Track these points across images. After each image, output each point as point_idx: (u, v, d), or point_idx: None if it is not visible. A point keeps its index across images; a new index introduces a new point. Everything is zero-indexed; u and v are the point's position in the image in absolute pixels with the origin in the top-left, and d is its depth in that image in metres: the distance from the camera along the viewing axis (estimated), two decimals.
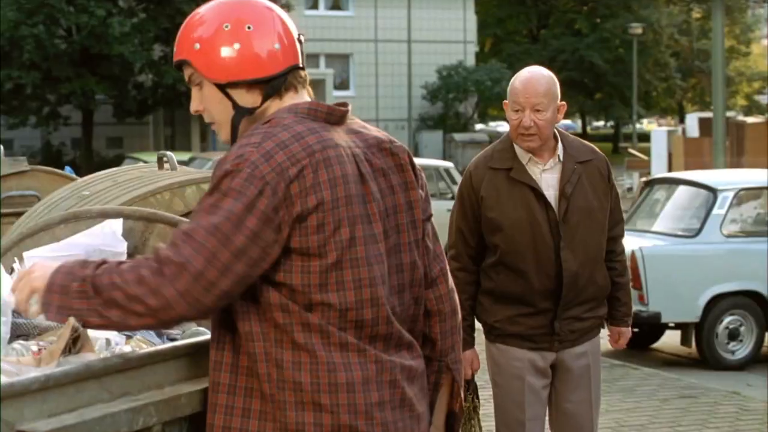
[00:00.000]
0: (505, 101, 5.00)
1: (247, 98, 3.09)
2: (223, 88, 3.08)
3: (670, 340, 12.23)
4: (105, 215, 3.80)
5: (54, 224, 3.85)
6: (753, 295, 11.41)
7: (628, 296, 5.24)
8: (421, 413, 3.12)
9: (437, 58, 47.18)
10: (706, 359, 11.37)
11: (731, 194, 11.49)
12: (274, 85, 3.08)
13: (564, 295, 4.92)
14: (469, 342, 5.06)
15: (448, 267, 3.31)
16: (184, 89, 33.91)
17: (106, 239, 3.68)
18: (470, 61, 48.30)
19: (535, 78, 4.90)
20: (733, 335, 11.41)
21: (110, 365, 2.84)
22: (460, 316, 3.34)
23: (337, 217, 2.92)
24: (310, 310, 2.93)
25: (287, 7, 36.07)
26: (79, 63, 34.12)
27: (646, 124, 65.29)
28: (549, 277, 4.91)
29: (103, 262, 2.95)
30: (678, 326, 11.56)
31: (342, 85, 44.62)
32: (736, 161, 25.55)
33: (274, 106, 3.09)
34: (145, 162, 22.20)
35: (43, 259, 3.04)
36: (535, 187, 4.91)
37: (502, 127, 64.84)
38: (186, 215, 4.22)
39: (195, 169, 6.51)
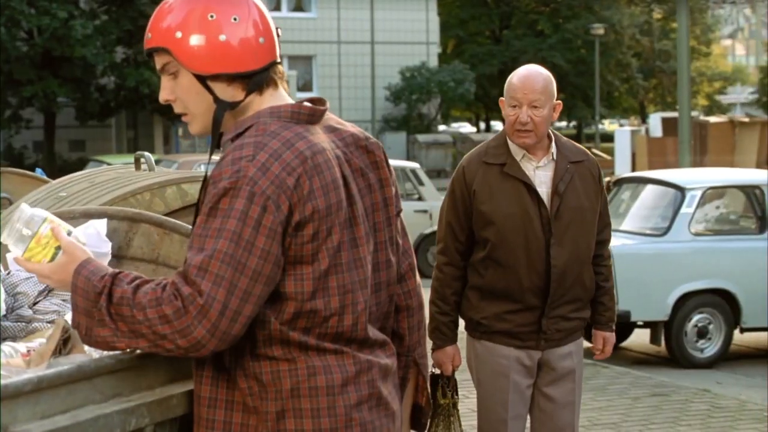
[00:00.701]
0: (501, 98, 5.00)
1: (228, 92, 3.02)
2: (203, 80, 3.00)
3: (639, 338, 12.28)
4: (89, 215, 3.77)
5: None
6: (721, 293, 11.47)
7: (612, 301, 5.25)
8: (395, 411, 3.12)
9: (400, 59, 47.17)
10: (676, 357, 11.42)
11: (699, 193, 11.54)
12: (256, 80, 3.02)
13: (552, 292, 4.92)
14: (451, 338, 5.07)
15: (415, 263, 3.32)
16: (147, 91, 33.83)
17: (90, 240, 3.63)
18: (433, 63, 48.32)
19: (533, 75, 4.91)
20: (702, 333, 11.46)
21: (102, 366, 2.81)
22: (426, 310, 3.37)
23: (330, 224, 2.90)
24: (297, 318, 2.91)
25: None
26: (41, 65, 33.91)
27: (608, 125, 65.52)
28: (538, 273, 4.90)
29: (114, 282, 2.86)
30: (647, 325, 11.60)
31: (305, 86, 44.52)
32: (699, 160, 25.70)
33: (255, 101, 3.04)
34: (110, 165, 22.10)
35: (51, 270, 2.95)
36: (529, 183, 4.91)
37: (465, 128, 64.99)
38: (167, 215, 4.19)
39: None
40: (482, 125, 60.69)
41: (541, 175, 4.95)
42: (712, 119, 31.34)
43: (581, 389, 5.21)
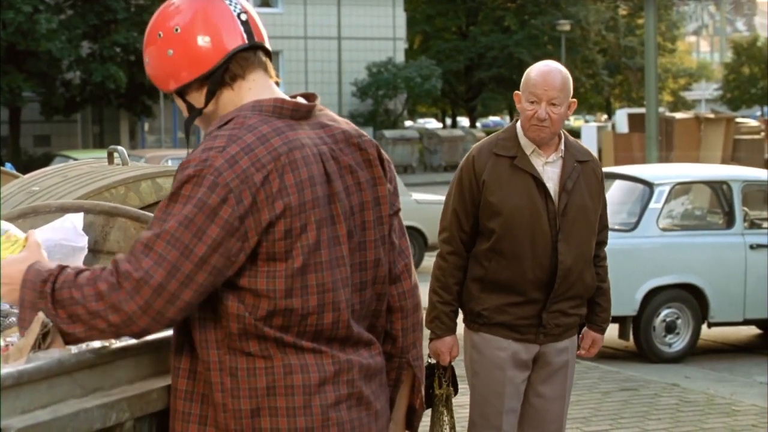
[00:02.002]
0: (516, 92, 5.01)
1: (199, 98, 3.06)
2: (180, 95, 3.08)
3: (607, 333, 12.26)
4: (65, 209, 3.75)
5: (12, 218, 3.78)
6: (689, 288, 11.52)
7: (609, 303, 5.28)
8: (378, 410, 3.10)
9: (367, 54, 47.20)
10: (644, 352, 11.47)
11: (667, 188, 11.58)
12: (214, 78, 3.02)
13: (556, 287, 4.93)
14: (450, 328, 5.07)
15: (412, 263, 3.29)
16: (113, 87, 33.69)
17: (66, 234, 3.62)
18: (400, 58, 48.36)
19: (553, 72, 4.93)
20: (670, 328, 11.51)
21: (83, 360, 2.80)
22: (422, 312, 3.34)
23: (304, 221, 2.88)
24: (273, 316, 2.89)
25: None
26: (6, 60, 33.70)
27: (573, 121, 65.72)
28: (543, 267, 4.92)
29: (61, 271, 2.88)
30: (615, 319, 11.63)
31: None
32: (665, 156, 25.79)
33: (229, 96, 3.04)
34: (75, 160, 22.00)
35: (6, 262, 2.96)
36: (538, 177, 4.93)
37: (431, 123, 65.07)
38: (142, 209, 4.18)
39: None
40: (448, 121, 60.78)
41: (549, 171, 4.97)
42: (678, 115, 31.47)
43: (572, 384, 5.22)
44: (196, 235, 2.79)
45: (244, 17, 3.04)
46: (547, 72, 4.92)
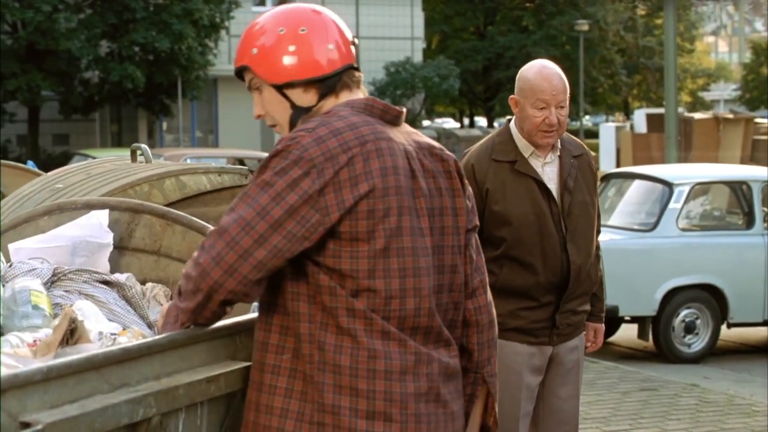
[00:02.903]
0: (512, 96, 4.93)
1: (304, 98, 3.19)
2: (280, 89, 3.18)
3: (626, 333, 12.30)
4: (90, 206, 3.77)
5: (38, 216, 3.81)
6: (709, 289, 11.51)
7: (603, 292, 5.27)
8: (455, 411, 3.15)
9: (385, 54, 47.14)
10: (663, 352, 11.46)
11: (687, 188, 11.57)
12: (328, 83, 3.18)
13: (569, 288, 4.90)
14: None
15: (487, 280, 3.34)
16: (131, 86, 33.71)
17: (92, 230, 3.65)
18: (418, 58, 48.29)
19: (555, 74, 4.85)
20: (689, 328, 11.50)
21: (111, 356, 2.81)
22: (496, 329, 3.36)
23: (387, 204, 2.99)
24: (357, 296, 2.99)
25: (235, 4, 35.94)
26: (25, 59, 33.75)
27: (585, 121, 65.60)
28: (555, 270, 4.87)
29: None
30: (635, 320, 11.64)
31: None
32: (684, 156, 25.73)
33: (329, 103, 3.18)
34: (94, 159, 22.02)
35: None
36: (540, 180, 4.87)
37: (448, 123, 64.96)
38: (167, 207, 4.19)
39: None
40: (466, 121, 60.71)
41: (548, 172, 4.91)
42: (697, 116, 31.38)
43: (582, 381, 5.21)
44: (274, 200, 2.95)
45: (356, 41, 3.24)
46: (549, 75, 4.82)
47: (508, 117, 5.08)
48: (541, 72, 4.85)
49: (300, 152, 2.97)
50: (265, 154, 22.86)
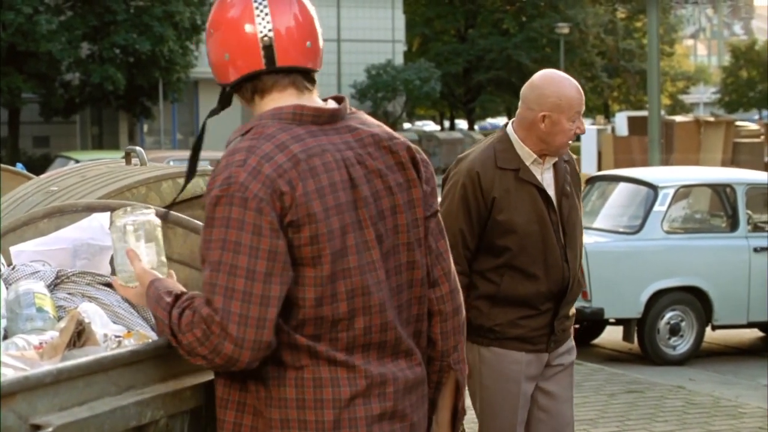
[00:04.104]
0: (545, 113, 4.74)
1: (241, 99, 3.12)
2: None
3: (611, 335, 12.34)
4: (91, 209, 3.76)
5: (38, 218, 3.80)
6: (693, 291, 11.56)
7: None
8: (415, 422, 3.08)
9: (366, 57, 47.18)
10: (648, 354, 11.49)
11: (672, 191, 11.61)
12: (243, 87, 3.07)
13: (567, 295, 4.88)
14: None
15: (452, 266, 3.24)
16: (111, 88, 33.65)
17: (94, 233, 3.65)
18: (399, 60, 48.36)
19: (576, 84, 4.83)
20: (674, 330, 11.53)
21: (119, 358, 2.82)
22: (463, 315, 3.28)
23: (330, 227, 2.88)
24: (303, 326, 2.89)
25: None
26: (6, 61, 33.65)
27: None
28: (556, 278, 4.83)
29: (173, 305, 2.91)
30: (620, 322, 11.67)
31: None
32: (665, 159, 25.80)
33: (258, 105, 3.06)
34: (77, 161, 21.99)
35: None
36: (542, 188, 4.83)
37: (429, 126, 65.01)
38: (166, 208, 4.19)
39: None
40: (446, 123, 60.78)
41: (546, 178, 4.87)
42: (678, 118, 31.47)
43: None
44: (252, 255, 2.81)
45: (266, 41, 3.02)
46: (576, 86, 4.80)
47: (505, 122, 4.99)
48: (570, 84, 4.80)
49: (242, 193, 2.83)
50: None
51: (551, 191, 4.87)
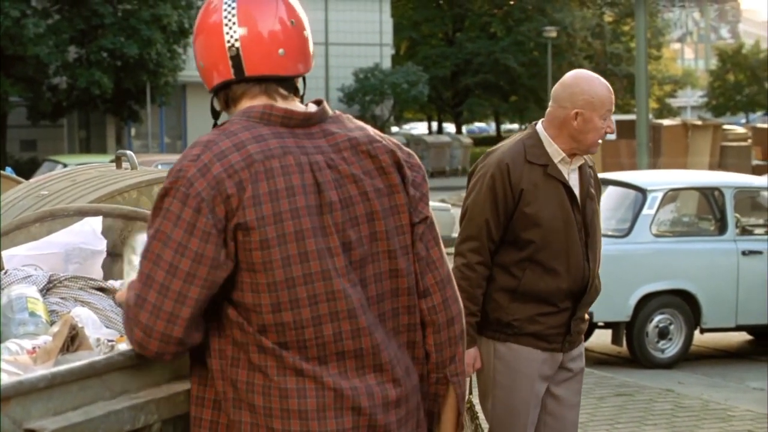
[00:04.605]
0: (578, 110, 4.79)
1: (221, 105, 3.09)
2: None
3: (600, 339, 12.35)
4: (83, 213, 3.76)
5: (29, 222, 3.80)
6: (682, 294, 11.58)
7: None
8: None
9: (353, 60, 47.20)
10: (637, 358, 11.51)
11: (660, 195, 11.63)
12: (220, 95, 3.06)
13: (586, 295, 4.88)
14: (474, 339, 4.86)
15: (446, 274, 3.12)
16: (98, 92, 33.61)
17: (86, 237, 3.65)
18: (386, 64, 48.38)
19: (607, 83, 4.89)
20: (663, 334, 11.55)
21: (112, 362, 2.82)
22: (461, 325, 3.17)
23: (281, 231, 2.82)
24: (264, 332, 2.85)
25: None
26: None
27: None
28: (576, 277, 4.83)
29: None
30: (609, 325, 11.68)
31: None
32: (653, 162, 25.85)
33: (232, 112, 3.05)
34: (65, 165, 21.95)
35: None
36: (569, 186, 4.84)
37: (417, 129, 65.05)
38: None
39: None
40: (434, 127, 60.82)
41: (572, 179, 4.88)
42: (666, 122, 31.56)
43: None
44: (178, 251, 2.80)
45: (233, 51, 2.97)
46: (607, 85, 4.86)
47: (534, 121, 4.99)
48: (601, 83, 4.86)
49: (185, 189, 2.81)
50: None
51: (576, 191, 4.88)
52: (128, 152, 5.08)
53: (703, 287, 11.55)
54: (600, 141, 4.88)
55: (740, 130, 32.75)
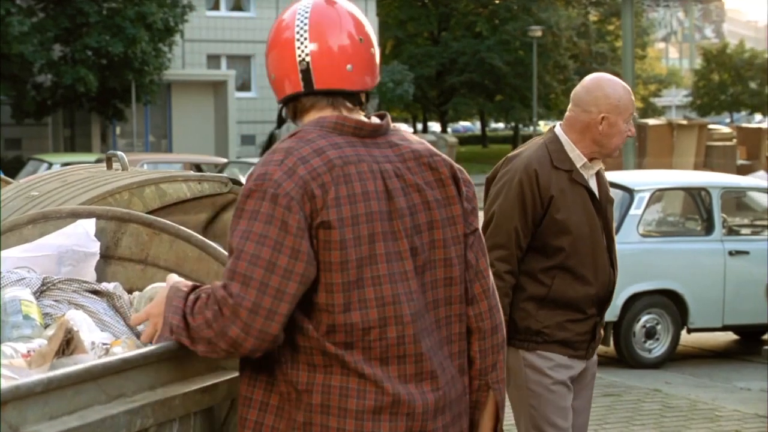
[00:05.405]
0: (604, 114, 4.75)
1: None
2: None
3: None
4: (76, 215, 3.74)
5: (22, 224, 3.78)
6: (669, 294, 11.59)
7: None
8: None
9: None
10: (624, 358, 11.51)
11: (647, 195, 11.63)
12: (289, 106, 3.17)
13: (610, 300, 4.85)
14: None
15: (492, 283, 3.27)
16: (83, 90, 33.51)
17: (79, 239, 3.63)
18: None
19: (627, 86, 4.84)
20: (650, 334, 11.56)
21: (108, 366, 2.81)
22: (502, 333, 3.28)
23: (357, 233, 2.95)
24: (333, 332, 2.95)
25: (189, 8, 35.81)
26: None
27: (543, 126, 65.95)
28: (603, 282, 4.78)
29: (190, 292, 3.00)
30: None
31: (244, 86, 44.34)
32: (638, 162, 25.89)
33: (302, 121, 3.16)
34: (50, 164, 21.89)
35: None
36: (593, 191, 4.80)
37: (403, 128, 64.97)
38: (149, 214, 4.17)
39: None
40: (419, 126, 60.83)
41: (592, 183, 4.84)
42: (651, 122, 31.55)
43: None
44: (276, 249, 2.89)
45: (304, 65, 3.10)
46: (628, 88, 4.81)
47: (554, 124, 4.96)
48: (623, 86, 4.81)
49: (274, 189, 2.93)
50: (222, 160, 22.44)
51: (597, 196, 4.84)
52: (119, 153, 5.07)
53: (690, 287, 11.57)
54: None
55: (725, 129, 32.80)
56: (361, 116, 3.14)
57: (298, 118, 3.16)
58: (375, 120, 3.16)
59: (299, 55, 3.09)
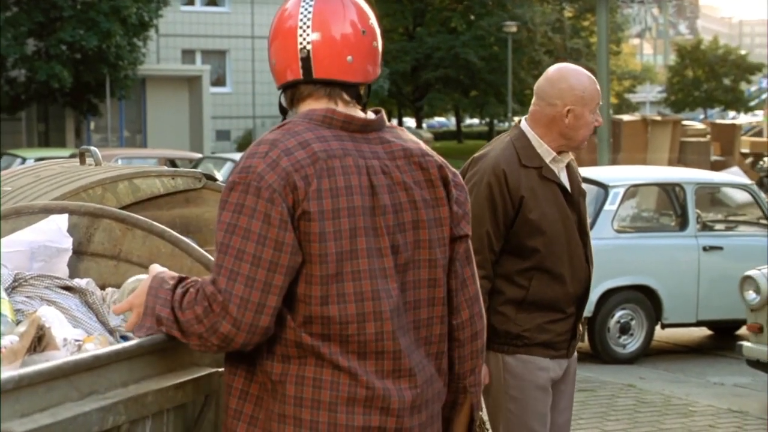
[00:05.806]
0: (569, 107, 4.64)
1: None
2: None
3: None
4: (48, 210, 3.72)
5: None
6: (643, 290, 11.63)
7: None
8: None
9: None
10: (598, 353, 11.55)
11: (622, 190, 11.67)
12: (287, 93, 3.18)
13: (587, 297, 4.78)
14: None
15: (476, 290, 3.26)
16: (57, 86, 33.36)
17: (51, 235, 3.60)
18: None
19: (591, 75, 4.72)
20: (624, 329, 11.60)
21: (80, 363, 2.79)
22: (482, 339, 3.30)
23: (338, 227, 2.95)
24: (310, 323, 2.95)
25: (164, 3, 35.68)
26: None
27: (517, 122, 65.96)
28: (580, 280, 4.70)
29: (177, 284, 3.01)
30: None
31: (218, 81, 44.25)
32: (612, 158, 25.93)
33: (295, 111, 3.17)
34: (24, 159, 21.79)
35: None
36: (564, 186, 4.69)
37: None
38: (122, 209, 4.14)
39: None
40: (395, 122, 60.84)
41: (563, 177, 4.73)
42: (626, 117, 31.60)
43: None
44: (259, 242, 2.90)
45: (304, 53, 3.09)
46: (593, 78, 4.69)
47: (518, 118, 4.84)
48: (588, 76, 4.69)
49: (257, 182, 2.94)
50: (197, 155, 22.37)
51: (569, 190, 4.75)
52: (92, 148, 5.03)
53: (664, 283, 11.61)
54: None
55: (699, 125, 32.89)
56: (356, 110, 3.14)
57: (294, 106, 3.17)
58: (369, 115, 3.15)
59: (300, 43, 3.10)
